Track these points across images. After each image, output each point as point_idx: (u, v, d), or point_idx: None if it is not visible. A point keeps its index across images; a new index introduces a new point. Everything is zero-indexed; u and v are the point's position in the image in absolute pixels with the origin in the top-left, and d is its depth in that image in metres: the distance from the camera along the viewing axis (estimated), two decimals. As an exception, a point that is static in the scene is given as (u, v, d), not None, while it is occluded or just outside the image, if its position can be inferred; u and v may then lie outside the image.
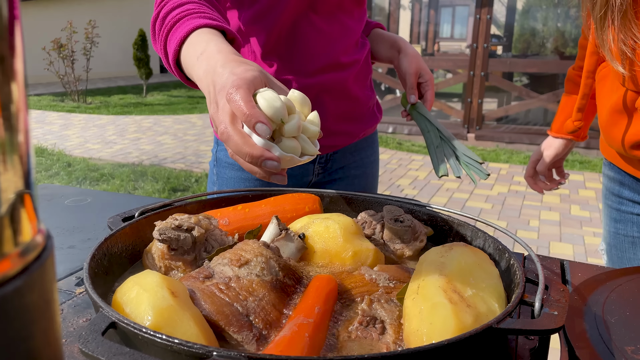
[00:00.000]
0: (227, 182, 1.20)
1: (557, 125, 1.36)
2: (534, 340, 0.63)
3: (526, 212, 4.22)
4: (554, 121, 1.38)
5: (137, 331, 0.48)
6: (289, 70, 1.10)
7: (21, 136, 0.22)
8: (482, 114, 6.92)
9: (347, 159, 1.25)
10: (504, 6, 10.71)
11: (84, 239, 0.98)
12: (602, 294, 0.71)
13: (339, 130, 1.17)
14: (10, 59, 0.21)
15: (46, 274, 0.23)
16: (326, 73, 1.11)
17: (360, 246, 0.76)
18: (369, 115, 1.26)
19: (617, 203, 1.23)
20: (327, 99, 1.13)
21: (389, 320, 0.59)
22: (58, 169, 5.26)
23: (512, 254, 0.70)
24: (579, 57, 1.31)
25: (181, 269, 0.72)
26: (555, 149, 1.37)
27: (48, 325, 0.23)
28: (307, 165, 1.18)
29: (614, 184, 1.24)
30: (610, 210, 1.26)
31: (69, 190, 1.29)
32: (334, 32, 1.10)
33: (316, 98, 1.11)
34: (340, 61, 1.11)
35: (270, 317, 0.59)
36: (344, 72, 1.13)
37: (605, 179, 1.29)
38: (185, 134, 7.33)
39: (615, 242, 1.24)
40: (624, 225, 1.22)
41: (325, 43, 1.10)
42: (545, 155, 1.38)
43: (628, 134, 1.06)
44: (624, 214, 1.22)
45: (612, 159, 1.22)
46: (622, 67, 0.98)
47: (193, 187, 4.74)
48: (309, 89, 1.09)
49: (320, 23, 1.09)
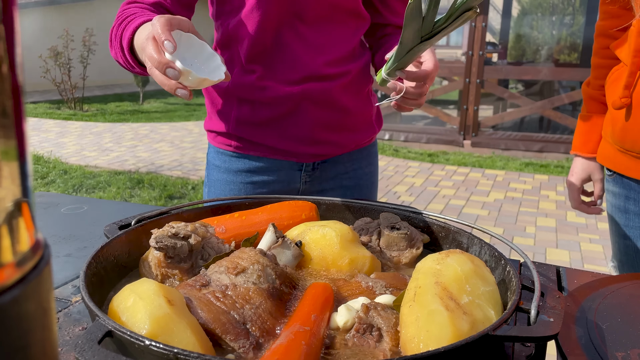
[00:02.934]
0: (215, 184, 1.23)
1: (591, 146, 1.33)
2: (530, 347, 0.63)
3: (522, 219, 4.23)
4: (586, 141, 1.34)
5: (134, 340, 0.48)
6: (271, 77, 1.10)
7: (19, 144, 0.22)
8: (478, 120, 6.94)
9: (338, 169, 1.23)
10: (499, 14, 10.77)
11: (80, 247, 0.98)
12: (595, 300, 0.71)
13: (324, 140, 1.17)
14: (8, 65, 0.21)
15: (43, 283, 0.23)
16: (308, 82, 1.10)
17: (357, 253, 0.76)
18: (364, 126, 1.24)
19: (624, 219, 1.23)
20: (310, 108, 1.13)
21: (386, 327, 0.59)
22: (54, 177, 5.25)
23: (508, 261, 0.71)
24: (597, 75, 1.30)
25: (178, 277, 0.72)
26: (600, 168, 1.35)
27: (45, 334, 0.23)
28: (293, 172, 1.19)
29: (618, 200, 1.24)
30: (618, 227, 1.26)
31: (65, 198, 1.29)
32: (320, 42, 1.10)
33: (298, 106, 1.12)
34: (324, 72, 1.11)
35: (267, 325, 0.59)
36: (329, 83, 1.12)
37: (609, 196, 1.29)
38: (182, 142, 7.32)
39: (626, 260, 1.24)
40: (634, 242, 1.21)
41: (309, 53, 1.10)
42: (599, 178, 1.35)
43: None
44: (632, 229, 1.21)
45: (618, 166, 1.21)
46: None
47: (190, 195, 4.74)
48: (290, 97, 1.10)
49: (307, 32, 1.09)
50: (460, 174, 5.68)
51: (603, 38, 1.27)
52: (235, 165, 1.20)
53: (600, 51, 1.29)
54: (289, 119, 1.13)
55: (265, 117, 1.13)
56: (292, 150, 1.16)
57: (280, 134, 1.14)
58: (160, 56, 0.77)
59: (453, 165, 6.04)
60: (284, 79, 1.10)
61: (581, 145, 1.36)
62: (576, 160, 1.39)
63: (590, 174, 1.36)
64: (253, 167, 1.19)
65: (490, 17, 7.75)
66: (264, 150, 1.17)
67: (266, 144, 1.16)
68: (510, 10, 10.06)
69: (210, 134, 1.23)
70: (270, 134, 1.15)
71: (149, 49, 0.79)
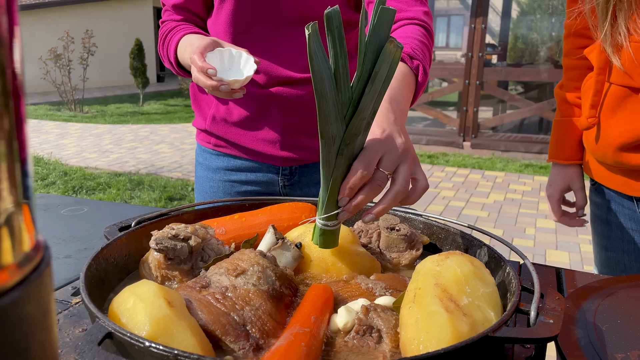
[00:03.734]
0: (199, 180, 1.29)
1: (568, 152, 1.25)
2: (530, 348, 0.63)
3: (522, 220, 4.23)
4: (561, 148, 1.26)
5: (134, 341, 0.48)
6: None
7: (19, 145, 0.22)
8: (477, 122, 6.95)
9: (319, 175, 1.20)
10: (498, 16, 10.78)
11: (80, 249, 0.98)
12: (594, 302, 0.71)
13: (298, 145, 1.16)
14: (9, 67, 0.21)
15: (44, 285, 0.23)
16: (277, 86, 1.11)
17: (357, 255, 0.76)
18: None
19: (606, 230, 1.19)
20: (281, 111, 1.13)
21: (386, 329, 0.59)
22: (54, 178, 5.25)
23: (507, 262, 0.71)
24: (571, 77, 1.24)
25: (178, 279, 0.72)
26: (580, 175, 1.26)
27: (45, 336, 0.23)
28: (271, 174, 1.20)
29: (601, 211, 1.20)
30: (600, 238, 1.22)
31: (65, 199, 1.29)
32: (291, 48, 1.10)
33: (267, 109, 1.13)
34: (294, 76, 1.10)
35: (267, 327, 0.59)
36: (300, 87, 1.11)
37: (593, 206, 1.24)
38: (182, 143, 7.32)
39: (607, 271, 1.22)
40: (615, 254, 1.18)
41: (277, 58, 1.10)
42: (578, 187, 1.26)
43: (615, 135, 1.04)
44: (614, 241, 1.18)
45: (598, 176, 1.17)
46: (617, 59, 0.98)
47: (190, 196, 4.74)
48: (259, 99, 1.13)
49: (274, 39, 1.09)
50: (460, 175, 5.68)
51: (574, 38, 1.21)
52: (214, 162, 1.24)
53: (572, 51, 1.22)
54: (260, 121, 1.15)
55: (238, 116, 1.16)
56: (265, 152, 1.17)
57: (252, 134, 1.16)
58: (210, 81, 0.89)
59: (453, 167, 6.05)
60: (253, 81, 1.12)
61: (557, 152, 1.26)
62: (553, 168, 1.29)
63: (569, 183, 1.26)
64: (231, 165, 1.22)
65: (489, 18, 7.75)
66: (240, 150, 1.20)
67: (240, 143, 1.18)
68: (510, 12, 10.07)
69: (197, 132, 1.28)
70: (244, 133, 1.17)
71: (200, 81, 0.91)
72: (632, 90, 1.01)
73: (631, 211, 1.13)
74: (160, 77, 17.03)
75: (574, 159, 1.24)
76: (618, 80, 1.03)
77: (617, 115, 1.04)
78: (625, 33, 0.97)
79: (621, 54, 0.98)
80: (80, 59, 10.49)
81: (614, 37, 0.98)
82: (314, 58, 0.59)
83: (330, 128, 0.63)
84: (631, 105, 1.01)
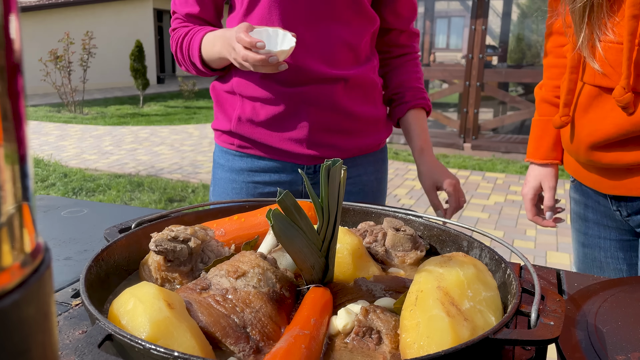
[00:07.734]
0: (219, 183, 1.27)
1: (543, 151, 1.26)
2: (530, 350, 0.63)
3: (523, 222, 4.23)
4: (538, 147, 1.27)
5: (134, 343, 0.48)
6: (272, 77, 1.13)
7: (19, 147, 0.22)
8: (478, 123, 6.95)
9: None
10: (499, 17, 10.79)
11: (80, 251, 0.98)
12: (595, 304, 0.71)
13: (324, 143, 1.17)
14: (10, 69, 0.21)
15: (44, 286, 0.23)
16: (308, 85, 1.12)
17: (367, 272, 0.76)
18: (369, 131, 1.23)
19: (584, 227, 1.21)
20: (310, 110, 1.14)
21: (385, 330, 0.59)
22: (54, 180, 5.25)
23: (508, 264, 0.71)
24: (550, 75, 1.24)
25: (178, 281, 0.72)
26: (554, 176, 1.27)
27: (45, 338, 0.23)
28: (295, 173, 1.21)
29: (579, 207, 1.22)
30: (578, 234, 1.23)
31: (65, 201, 1.29)
32: (320, 44, 1.11)
33: (297, 108, 1.14)
34: (325, 75, 1.11)
35: (267, 329, 0.59)
36: (330, 85, 1.12)
37: (572, 203, 1.25)
38: (182, 145, 7.33)
39: (584, 267, 1.22)
40: (591, 250, 1.19)
41: (309, 55, 1.11)
42: (549, 186, 1.27)
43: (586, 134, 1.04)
44: (590, 237, 1.19)
45: (575, 174, 1.18)
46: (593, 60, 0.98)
47: (190, 198, 4.74)
48: (289, 98, 1.13)
49: (306, 34, 1.10)
50: (460, 176, 5.68)
51: (554, 36, 1.22)
52: (238, 164, 1.23)
53: (553, 50, 1.23)
54: (288, 120, 1.15)
55: (265, 116, 1.15)
56: (291, 151, 1.17)
57: (279, 134, 1.16)
58: (259, 56, 0.96)
59: (453, 168, 6.05)
60: (283, 79, 1.12)
61: (534, 152, 1.28)
62: (530, 167, 1.31)
63: (541, 182, 1.28)
64: (255, 166, 1.21)
65: (490, 20, 7.76)
66: (265, 150, 1.19)
67: (266, 143, 1.17)
68: (510, 13, 10.07)
69: (216, 133, 1.27)
70: (270, 133, 1.17)
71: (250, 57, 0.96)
72: (604, 90, 1.01)
73: (606, 208, 1.14)
74: (161, 79, 17.04)
75: (549, 159, 1.26)
76: (590, 79, 1.03)
77: (588, 114, 1.05)
78: (599, 36, 0.98)
79: (595, 56, 0.99)
80: (81, 61, 10.50)
81: (591, 41, 0.99)
82: (281, 236, 0.64)
83: (309, 264, 0.69)
84: (602, 105, 1.02)
